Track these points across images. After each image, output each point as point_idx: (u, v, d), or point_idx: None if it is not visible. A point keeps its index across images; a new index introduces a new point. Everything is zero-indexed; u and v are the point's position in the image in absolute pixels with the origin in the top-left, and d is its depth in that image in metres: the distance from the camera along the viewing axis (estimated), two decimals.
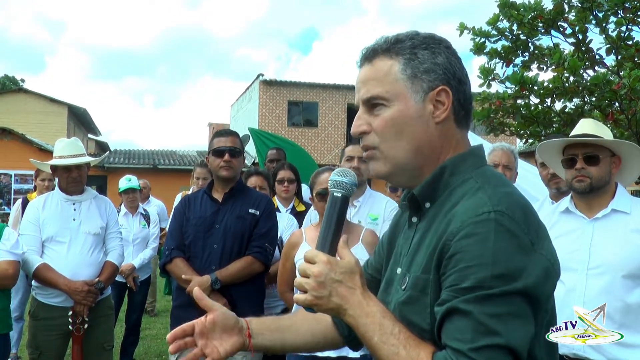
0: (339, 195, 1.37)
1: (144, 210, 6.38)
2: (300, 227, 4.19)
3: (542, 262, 1.15)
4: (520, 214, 1.17)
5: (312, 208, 3.95)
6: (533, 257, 1.14)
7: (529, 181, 4.71)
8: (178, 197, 6.02)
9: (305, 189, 4.95)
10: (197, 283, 3.44)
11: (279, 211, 4.64)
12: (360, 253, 3.01)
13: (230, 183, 3.69)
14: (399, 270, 1.37)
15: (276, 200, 4.76)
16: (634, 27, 6.09)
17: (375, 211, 3.78)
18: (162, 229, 6.56)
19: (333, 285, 1.25)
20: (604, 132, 2.80)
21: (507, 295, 1.10)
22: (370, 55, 1.34)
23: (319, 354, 3.07)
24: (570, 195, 2.88)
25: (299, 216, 4.65)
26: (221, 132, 3.83)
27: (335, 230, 1.35)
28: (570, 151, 2.77)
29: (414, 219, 1.38)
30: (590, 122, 2.92)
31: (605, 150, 2.70)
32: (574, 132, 2.88)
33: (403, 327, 1.20)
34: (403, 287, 1.30)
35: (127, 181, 6.24)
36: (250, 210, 3.65)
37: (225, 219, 3.61)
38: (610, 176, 2.70)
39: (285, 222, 4.28)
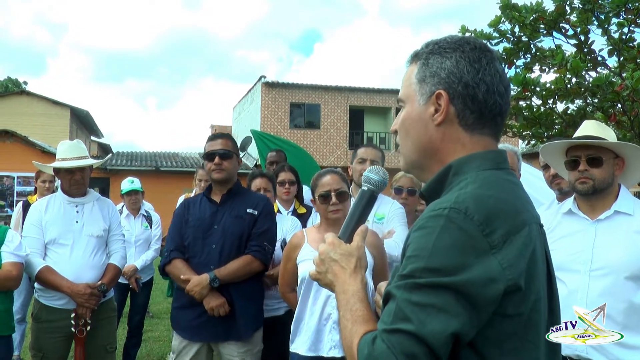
0: (366, 189, 1.53)
1: (146, 211, 6.38)
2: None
3: (490, 267, 1.14)
4: (485, 214, 1.17)
5: (314, 210, 3.95)
6: (482, 259, 1.14)
7: (534, 185, 4.70)
8: (180, 200, 6.02)
9: (306, 190, 4.95)
10: (195, 281, 3.46)
11: (280, 213, 4.64)
12: None
13: (226, 185, 3.72)
14: None
15: (277, 203, 4.76)
16: (636, 29, 6.07)
17: (382, 211, 3.84)
18: None
19: (330, 263, 1.41)
20: (608, 134, 2.80)
21: (434, 287, 1.12)
22: (407, 61, 1.45)
23: (324, 354, 3.07)
24: (573, 196, 2.88)
25: (300, 218, 4.65)
26: (213, 135, 3.85)
27: (357, 220, 1.49)
28: (574, 153, 2.77)
29: None
30: (594, 123, 2.92)
31: (608, 152, 2.70)
32: (577, 133, 2.88)
33: (364, 307, 1.29)
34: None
35: (129, 183, 6.25)
36: (248, 210, 3.67)
37: (224, 219, 3.64)
38: (613, 178, 2.70)
39: (289, 224, 4.28)
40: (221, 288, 3.50)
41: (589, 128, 2.84)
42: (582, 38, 6.30)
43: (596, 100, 6.10)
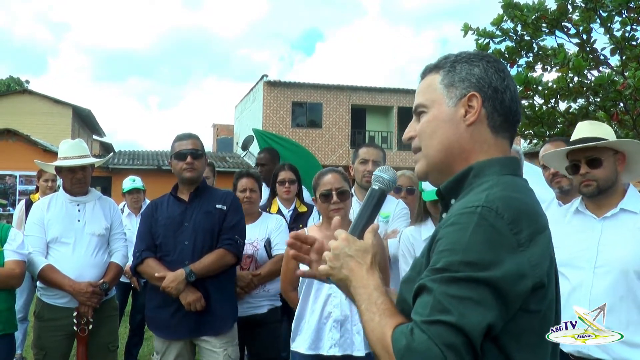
0: (376, 188, 1.57)
1: None
2: (301, 227, 4.20)
3: (521, 263, 1.21)
4: (513, 214, 1.24)
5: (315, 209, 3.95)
6: (513, 256, 1.20)
7: (537, 183, 4.70)
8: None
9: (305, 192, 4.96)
10: (171, 277, 3.48)
11: (281, 212, 4.65)
12: None
13: (194, 184, 3.77)
14: None
15: (277, 202, 4.77)
16: (639, 28, 6.06)
17: (387, 210, 3.86)
18: None
19: (345, 259, 1.42)
20: (604, 131, 2.80)
21: (471, 281, 1.17)
22: (424, 73, 1.54)
23: (324, 353, 3.08)
24: (580, 197, 2.88)
25: (301, 217, 4.65)
26: (181, 135, 3.89)
27: (368, 218, 1.53)
28: (573, 157, 2.78)
29: (444, 215, 1.45)
30: (587, 124, 2.91)
31: (607, 150, 2.70)
32: (573, 137, 2.88)
33: (388, 300, 1.32)
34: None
35: (131, 182, 6.26)
36: (217, 206, 3.73)
37: (194, 216, 3.68)
38: (616, 175, 2.70)
39: (273, 223, 4.27)
40: (196, 283, 3.54)
41: (584, 130, 2.83)
42: (585, 37, 6.30)
43: (598, 99, 6.10)
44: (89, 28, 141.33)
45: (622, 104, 5.88)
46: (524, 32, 6.61)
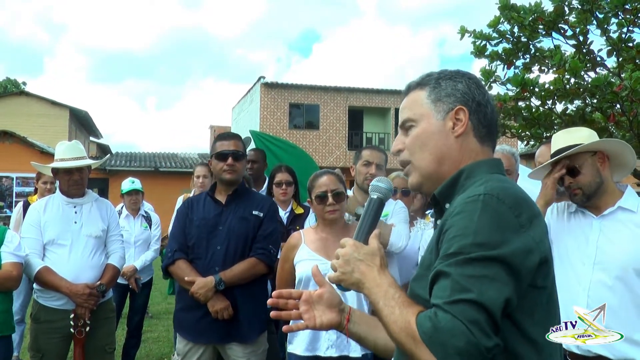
0: (375, 197, 1.68)
1: (146, 212, 6.39)
2: (297, 229, 4.20)
3: (526, 240, 1.30)
4: (512, 200, 1.34)
5: (311, 211, 3.95)
6: (518, 235, 1.30)
7: (535, 185, 4.73)
8: (179, 200, 6.02)
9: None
10: (201, 284, 3.45)
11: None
12: None
13: (233, 186, 3.70)
14: None
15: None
16: (635, 29, 6.08)
17: (386, 209, 3.82)
18: None
19: (356, 263, 1.51)
20: (579, 136, 2.82)
21: (484, 260, 1.25)
22: (407, 90, 1.64)
23: (321, 354, 3.08)
24: None
25: (298, 219, 4.65)
26: (224, 135, 3.83)
27: (369, 226, 1.63)
28: (555, 170, 2.83)
29: (439, 222, 1.51)
30: (562, 134, 2.94)
31: (582, 154, 2.73)
32: (551, 151, 2.92)
33: (404, 294, 1.40)
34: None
35: (130, 183, 6.25)
36: (253, 212, 3.66)
37: (229, 220, 3.62)
38: (601, 175, 2.72)
39: None
40: (225, 290, 3.49)
41: (559, 141, 2.87)
42: (581, 38, 6.31)
43: (595, 101, 6.12)
44: (86, 29, 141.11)
45: (618, 106, 5.89)
46: (521, 34, 6.63)
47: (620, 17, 5.95)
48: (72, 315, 3.80)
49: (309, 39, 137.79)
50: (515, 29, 6.64)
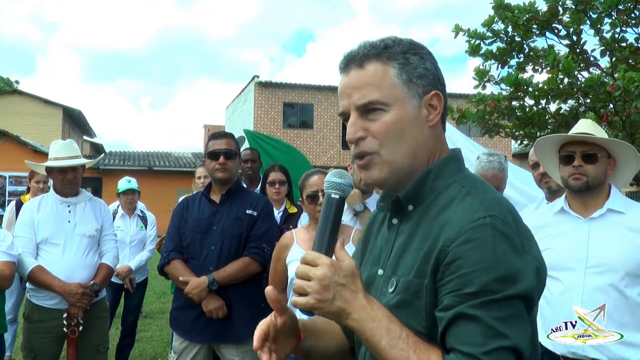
0: (336, 197, 1.33)
1: (141, 212, 6.37)
2: (291, 228, 4.20)
3: (533, 263, 1.21)
4: (510, 218, 1.23)
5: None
6: (525, 258, 1.19)
7: (527, 184, 4.74)
8: (180, 201, 6.01)
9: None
10: (194, 284, 3.46)
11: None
12: (351, 253, 3.02)
13: (227, 185, 3.70)
14: (380, 272, 1.40)
15: None
16: (628, 29, 6.11)
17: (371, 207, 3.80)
18: None
19: (337, 288, 1.22)
20: (602, 134, 2.83)
21: (509, 299, 1.15)
22: (360, 60, 1.32)
23: None
24: (564, 195, 2.89)
25: (291, 218, 4.65)
26: (216, 134, 3.83)
27: (331, 232, 1.31)
28: (569, 149, 2.78)
29: (395, 221, 1.39)
30: (589, 122, 2.94)
31: (602, 150, 2.73)
32: (573, 130, 2.89)
33: (410, 332, 1.21)
34: (391, 290, 1.31)
35: (126, 182, 6.23)
36: (247, 211, 3.67)
37: (223, 220, 3.63)
38: (605, 177, 2.73)
39: None
40: (219, 290, 3.51)
41: (585, 126, 2.86)
42: (575, 38, 6.33)
43: (588, 101, 6.14)
44: (79, 28, 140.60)
45: (611, 105, 5.92)
46: (515, 33, 6.65)
47: (613, 17, 5.97)
48: (65, 315, 3.78)
49: (303, 39, 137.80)
50: (510, 29, 6.66)
